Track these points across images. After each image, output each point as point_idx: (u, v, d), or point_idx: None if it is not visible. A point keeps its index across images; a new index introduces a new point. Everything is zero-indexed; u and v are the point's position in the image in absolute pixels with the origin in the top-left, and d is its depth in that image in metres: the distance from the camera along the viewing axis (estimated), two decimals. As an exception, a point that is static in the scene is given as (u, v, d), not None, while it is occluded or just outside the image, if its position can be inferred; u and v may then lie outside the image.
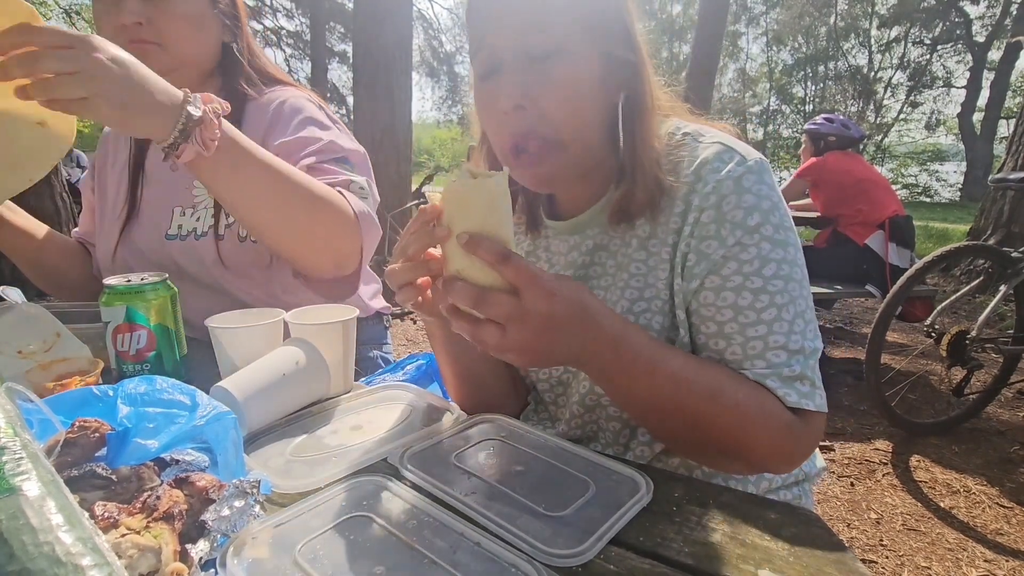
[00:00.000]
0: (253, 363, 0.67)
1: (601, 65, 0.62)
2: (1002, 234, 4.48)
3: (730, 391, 0.58)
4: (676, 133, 0.68)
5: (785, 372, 0.59)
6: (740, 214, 0.60)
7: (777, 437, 0.58)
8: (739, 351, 0.61)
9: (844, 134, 3.15)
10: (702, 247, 0.62)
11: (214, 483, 0.45)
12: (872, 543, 1.67)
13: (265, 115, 0.99)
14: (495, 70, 0.63)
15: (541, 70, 0.60)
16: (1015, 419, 2.47)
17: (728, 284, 0.61)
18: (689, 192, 0.63)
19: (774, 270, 0.60)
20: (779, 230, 0.61)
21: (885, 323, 2.20)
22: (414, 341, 3.55)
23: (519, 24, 0.60)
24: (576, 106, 0.62)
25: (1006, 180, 2.66)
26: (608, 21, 0.63)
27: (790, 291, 0.60)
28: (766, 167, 0.63)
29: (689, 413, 0.57)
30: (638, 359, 0.55)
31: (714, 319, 0.62)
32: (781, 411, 0.59)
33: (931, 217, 10.95)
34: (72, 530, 0.32)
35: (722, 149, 0.63)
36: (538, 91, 0.61)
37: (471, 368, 0.76)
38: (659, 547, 0.46)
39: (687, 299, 0.64)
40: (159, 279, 0.76)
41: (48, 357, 0.71)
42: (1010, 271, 2.27)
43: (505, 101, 0.61)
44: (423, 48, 15.28)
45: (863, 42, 20.42)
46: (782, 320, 0.60)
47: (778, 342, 0.60)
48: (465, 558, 0.43)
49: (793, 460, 0.62)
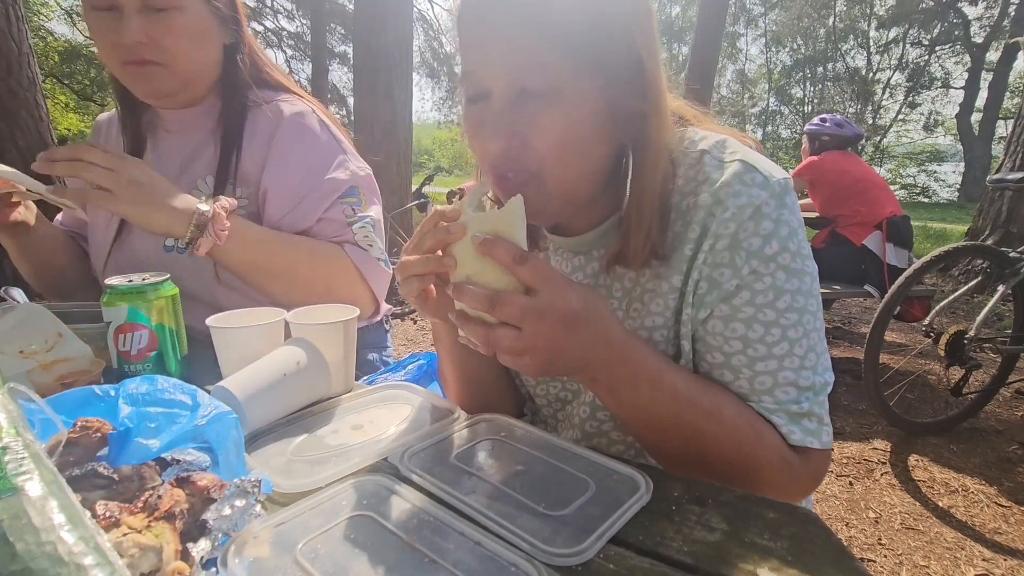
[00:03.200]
0: (254, 363, 0.68)
1: (604, 109, 0.56)
2: (1000, 234, 4.49)
3: (731, 414, 0.57)
4: (692, 149, 0.62)
5: (793, 409, 0.58)
6: (757, 242, 0.57)
7: (774, 469, 0.57)
8: (746, 385, 0.59)
9: (838, 133, 3.16)
10: (714, 275, 0.59)
11: (215, 482, 0.45)
12: (871, 542, 1.68)
13: (270, 127, 0.98)
14: (484, 96, 0.58)
15: (534, 109, 0.55)
16: (1013, 418, 2.48)
17: (739, 315, 0.58)
18: (707, 216, 0.59)
19: (788, 302, 0.57)
20: (796, 258, 0.58)
21: (883, 323, 2.21)
22: (414, 341, 3.55)
23: (511, 60, 0.54)
24: (567, 151, 0.56)
25: (1004, 180, 2.67)
26: (617, 63, 0.55)
27: (804, 324, 0.58)
28: (789, 187, 0.59)
29: (688, 430, 0.56)
30: (643, 370, 0.54)
31: (721, 349, 0.59)
32: (780, 445, 0.58)
33: (929, 217, 10.97)
34: (74, 530, 0.32)
35: (742, 169, 0.58)
36: (528, 131, 0.55)
37: (475, 373, 0.75)
38: (659, 546, 0.46)
39: (694, 327, 0.61)
40: (161, 279, 0.76)
41: (50, 357, 0.71)
42: (1008, 271, 2.28)
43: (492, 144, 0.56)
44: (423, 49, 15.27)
45: (862, 43, 20.46)
46: (793, 356, 0.57)
47: (788, 378, 0.58)
48: (465, 557, 0.44)
49: (790, 495, 0.60)
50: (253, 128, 0.98)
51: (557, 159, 0.56)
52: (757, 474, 0.58)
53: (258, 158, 0.97)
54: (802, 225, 0.60)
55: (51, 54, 11.54)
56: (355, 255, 0.98)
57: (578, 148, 0.57)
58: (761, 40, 23.39)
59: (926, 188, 18.69)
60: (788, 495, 0.59)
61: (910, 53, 19.43)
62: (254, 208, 0.99)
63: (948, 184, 18.86)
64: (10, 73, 3.60)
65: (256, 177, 0.97)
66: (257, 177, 0.97)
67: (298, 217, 0.96)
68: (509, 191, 0.57)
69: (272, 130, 0.97)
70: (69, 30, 12.59)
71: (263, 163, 0.97)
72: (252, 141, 0.98)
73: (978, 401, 2.41)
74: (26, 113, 3.70)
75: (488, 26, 0.55)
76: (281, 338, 0.76)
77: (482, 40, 0.56)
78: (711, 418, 0.56)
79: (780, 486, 0.59)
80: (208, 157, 0.99)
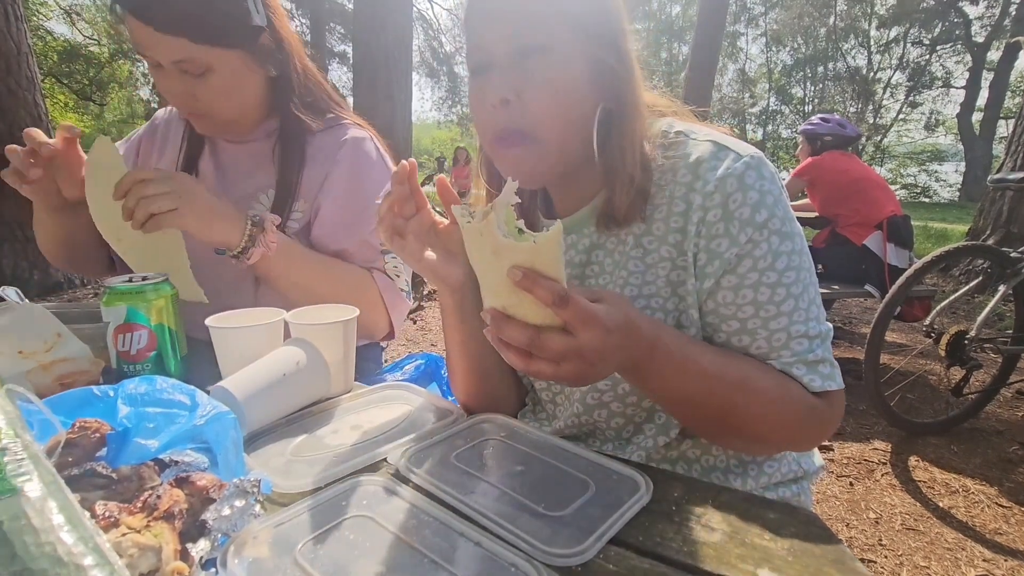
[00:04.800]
0: (253, 363, 0.68)
1: (589, 68, 0.63)
2: (1001, 234, 4.48)
3: (757, 380, 0.61)
4: (669, 132, 0.69)
5: (809, 358, 0.63)
6: (747, 211, 0.61)
7: (803, 420, 0.62)
8: (764, 344, 0.63)
9: (840, 133, 3.15)
10: (712, 246, 0.63)
11: (214, 482, 0.45)
12: (871, 543, 1.67)
13: (331, 149, 1.02)
14: (486, 66, 0.64)
15: (529, 67, 0.62)
16: (1014, 419, 2.48)
17: (746, 282, 0.62)
18: (688, 191, 0.64)
19: (785, 262, 0.62)
20: (785, 222, 0.63)
21: (884, 323, 2.20)
22: (414, 341, 3.55)
23: (512, 21, 0.62)
24: (559, 104, 0.63)
25: (1005, 180, 2.66)
26: (600, 26, 0.64)
27: (802, 280, 0.63)
28: (763, 160, 0.64)
29: (719, 403, 0.60)
30: (671, 359, 0.57)
31: (735, 316, 0.63)
32: (804, 395, 0.62)
33: (930, 217, 10.97)
34: (73, 530, 0.32)
35: (715, 147, 0.64)
36: (524, 86, 0.62)
37: (481, 363, 0.76)
38: (659, 547, 0.46)
39: (701, 298, 0.65)
40: (160, 279, 0.76)
41: (49, 357, 0.71)
42: (1009, 271, 2.28)
43: (492, 95, 0.63)
44: (423, 49, 15.30)
45: (862, 42, 20.46)
46: (799, 309, 0.62)
47: (799, 331, 0.62)
48: (465, 558, 0.43)
49: (819, 440, 0.67)
50: (315, 150, 1.02)
51: (552, 113, 0.63)
52: (791, 429, 0.63)
53: (316, 176, 1.02)
54: (784, 191, 0.64)
55: (50, 54, 11.56)
56: (382, 283, 1.04)
57: (570, 102, 0.63)
58: (761, 39, 23.40)
59: (927, 188, 18.70)
60: (817, 440, 0.67)
61: (911, 52, 19.44)
62: (306, 222, 1.03)
63: (949, 184, 18.87)
64: (9, 73, 3.60)
65: (313, 194, 1.02)
66: (314, 194, 1.02)
67: (341, 236, 1.02)
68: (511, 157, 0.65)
69: (333, 152, 1.02)
70: (68, 30, 12.60)
71: (321, 182, 1.02)
72: (313, 161, 1.03)
73: (979, 401, 2.40)
74: (25, 112, 3.71)
75: None
76: (281, 338, 0.76)
77: (487, 10, 0.64)
78: (741, 388, 0.60)
79: (811, 436, 0.65)
80: (268, 171, 1.03)
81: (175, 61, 0.87)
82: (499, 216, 0.47)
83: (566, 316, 0.47)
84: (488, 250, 0.48)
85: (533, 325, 0.49)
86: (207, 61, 0.88)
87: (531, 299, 0.47)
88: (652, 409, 0.71)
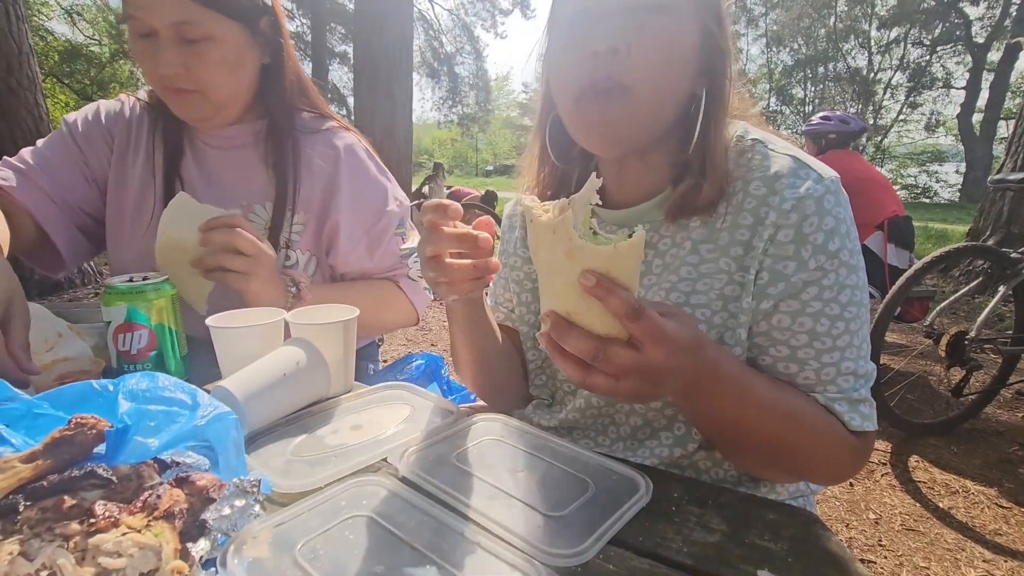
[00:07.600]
0: (254, 363, 0.67)
1: (701, 37, 0.61)
2: (1001, 235, 4.48)
3: (807, 415, 0.59)
4: (745, 137, 0.66)
5: (853, 396, 0.61)
6: (821, 237, 0.59)
7: (843, 459, 0.61)
8: (812, 376, 0.61)
9: (844, 129, 3.14)
10: (778, 267, 0.60)
11: (215, 482, 0.45)
12: (871, 543, 1.67)
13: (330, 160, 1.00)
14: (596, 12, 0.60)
15: (645, 20, 0.58)
16: (1014, 419, 2.47)
17: (807, 309, 0.60)
18: (760, 205, 0.61)
19: (849, 296, 0.60)
20: (853, 254, 0.61)
21: (884, 323, 2.20)
22: (414, 341, 3.55)
23: None
24: (666, 65, 0.60)
25: (1005, 181, 2.66)
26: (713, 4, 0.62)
27: (860, 316, 0.61)
28: (840, 187, 0.62)
29: (768, 435, 0.58)
30: (733, 385, 0.55)
31: (787, 343, 0.61)
32: (846, 434, 0.60)
33: (930, 218, 10.97)
34: None
35: (796, 164, 0.61)
36: (636, 37, 0.58)
37: (486, 353, 0.76)
38: (659, 547, 0.46)
39: (756, 319, 0.62)
40: (160, 279, 0.76)
41: (50, 357, 0.71)
42: (1009, 272, 2.28)
43: (600, 41, 0.58)
44: (423, 49, 15.30)
45: (863, 43, 20.45)
46: (853, 346, 0.60)
47: (849, 368, 0.60)
48: (465, 558, 0.43)
49: (847, 477, 0.66)
50: (309, 159, 1.00)
51: (657, 72, 0.59)
52: (834, 466, 0.62)
53: (318, 189, 1.00)
54: (854, 222, 0.62)
55: (51, 53, 11.55)
56: (408, 288, 1.06)
57: (676, 67, 0.60)
58: (762, 40, 23.39)
59: (927, 188, 18.69)
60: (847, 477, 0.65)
61: (911, 53, 19.44)
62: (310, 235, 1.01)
63: (949, 184, 18.86)
64: (10, 72, 3.60)
65: (315, 207, 1.00)
66: (316, 207, 1.00)
67: (363, 260, 1.03)
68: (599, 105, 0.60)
69: (333, 163, 1.00)
70: (69, 29, 12.60)
71: (324, 195, 1.00)
72: (308, 170, 1.00)
73: (979, 402, 2.40)
74: (26, 112, 3.71)
75: None
76: (281, 338, 0.76)
77: None
78: (793, 421, 0.58)
79: (846, 473, 0.64)
80: (262, 183, 0.99)
81: (174, 22, 0.83)
82: (577, 215, 0.44)
83: (636, 330, 0.45)
84: (560, 251, 0.45)
85: (597, 335, 0.46)
86: (208, 28, 0.85)
87: (599, 307, 0.44)
88: (673, 417, 0.68)
